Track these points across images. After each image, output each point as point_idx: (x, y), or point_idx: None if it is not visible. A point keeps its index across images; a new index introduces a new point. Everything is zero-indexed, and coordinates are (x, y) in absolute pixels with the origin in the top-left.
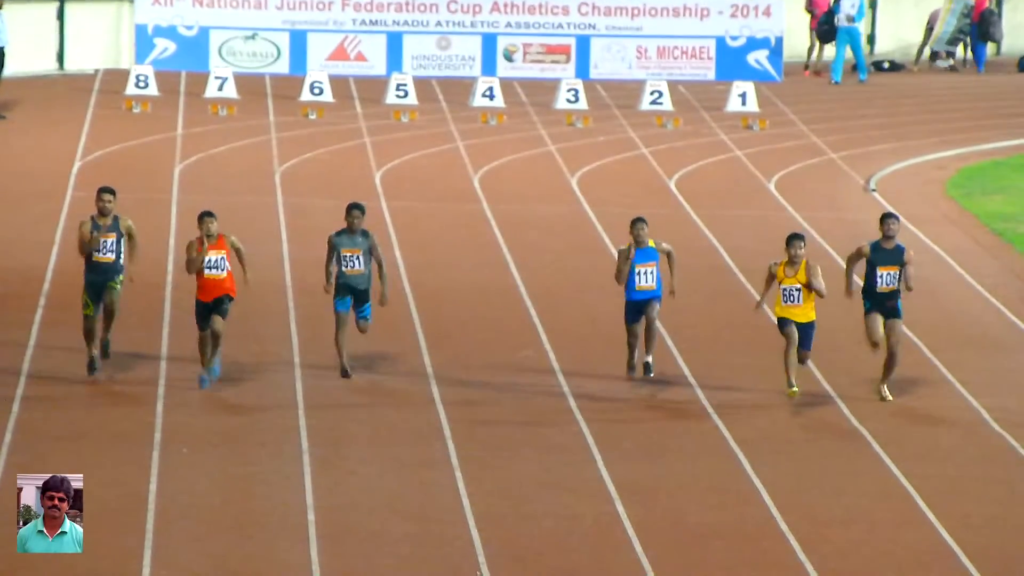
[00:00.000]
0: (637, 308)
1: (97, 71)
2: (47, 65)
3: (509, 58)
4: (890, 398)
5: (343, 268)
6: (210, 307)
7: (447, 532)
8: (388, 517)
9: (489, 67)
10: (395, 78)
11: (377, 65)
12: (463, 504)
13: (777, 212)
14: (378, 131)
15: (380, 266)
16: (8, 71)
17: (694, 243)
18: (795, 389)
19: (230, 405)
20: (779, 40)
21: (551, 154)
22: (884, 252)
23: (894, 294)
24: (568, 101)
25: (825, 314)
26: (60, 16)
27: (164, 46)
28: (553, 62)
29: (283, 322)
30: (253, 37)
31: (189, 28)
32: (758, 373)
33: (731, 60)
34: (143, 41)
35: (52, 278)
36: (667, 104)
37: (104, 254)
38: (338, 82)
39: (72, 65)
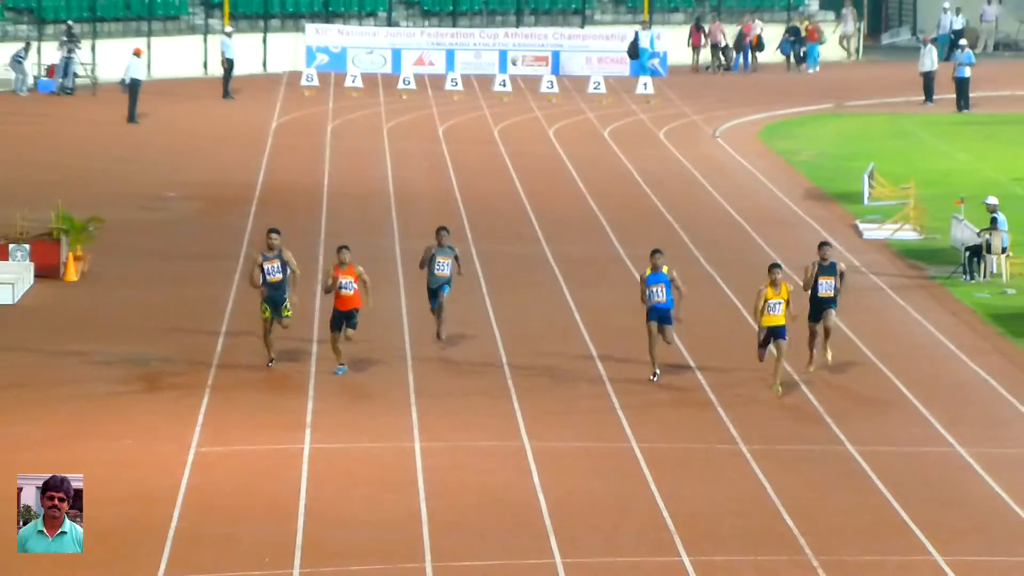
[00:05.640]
0: (656, 314)
1: (285, 72)
2: (256, 68)
3: (514, 63)
4: (829, 359)
5: (435, 271)
6: (343, 315)
7: (479, 333)
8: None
9: (503, 68)
10: (450, 75)
11: (440, 68)
12: (490, 317)
13: (664, 150)
14: (440, 105)
15: (458, 262)
16: (235, 72)
17: (617, 169)
18: (779, 389)
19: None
20: (665, 54)
21: (538, 118)
22: (822, 267)
23: (830, 300)
24: (547, 87)
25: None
26: (264, 41)
27: (321, 57)
28: (539, 65)
29: (387, 217)
30: (371, 52)
31: (335, 47)
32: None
33: (638, 64)
34: (310, 54)
35: (260, 190)
36: (603, 89)
37: (274, 275)
38: (418, 78)
39: (271, 68)
